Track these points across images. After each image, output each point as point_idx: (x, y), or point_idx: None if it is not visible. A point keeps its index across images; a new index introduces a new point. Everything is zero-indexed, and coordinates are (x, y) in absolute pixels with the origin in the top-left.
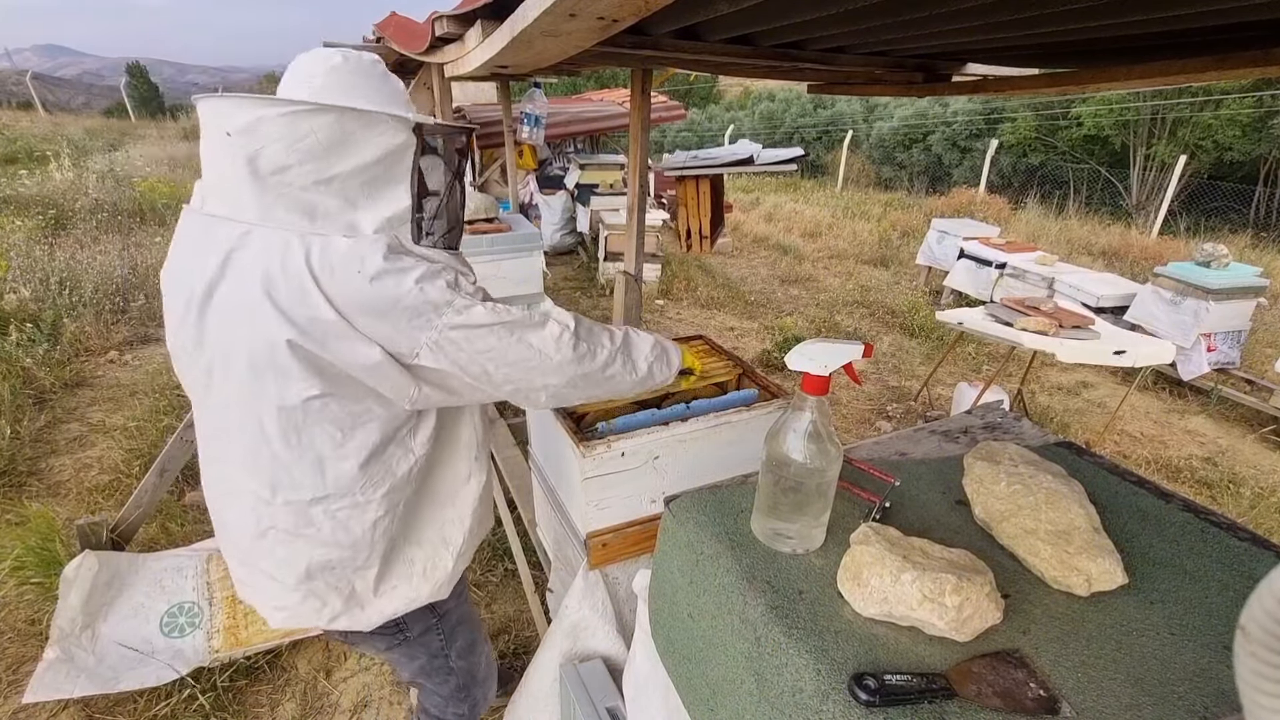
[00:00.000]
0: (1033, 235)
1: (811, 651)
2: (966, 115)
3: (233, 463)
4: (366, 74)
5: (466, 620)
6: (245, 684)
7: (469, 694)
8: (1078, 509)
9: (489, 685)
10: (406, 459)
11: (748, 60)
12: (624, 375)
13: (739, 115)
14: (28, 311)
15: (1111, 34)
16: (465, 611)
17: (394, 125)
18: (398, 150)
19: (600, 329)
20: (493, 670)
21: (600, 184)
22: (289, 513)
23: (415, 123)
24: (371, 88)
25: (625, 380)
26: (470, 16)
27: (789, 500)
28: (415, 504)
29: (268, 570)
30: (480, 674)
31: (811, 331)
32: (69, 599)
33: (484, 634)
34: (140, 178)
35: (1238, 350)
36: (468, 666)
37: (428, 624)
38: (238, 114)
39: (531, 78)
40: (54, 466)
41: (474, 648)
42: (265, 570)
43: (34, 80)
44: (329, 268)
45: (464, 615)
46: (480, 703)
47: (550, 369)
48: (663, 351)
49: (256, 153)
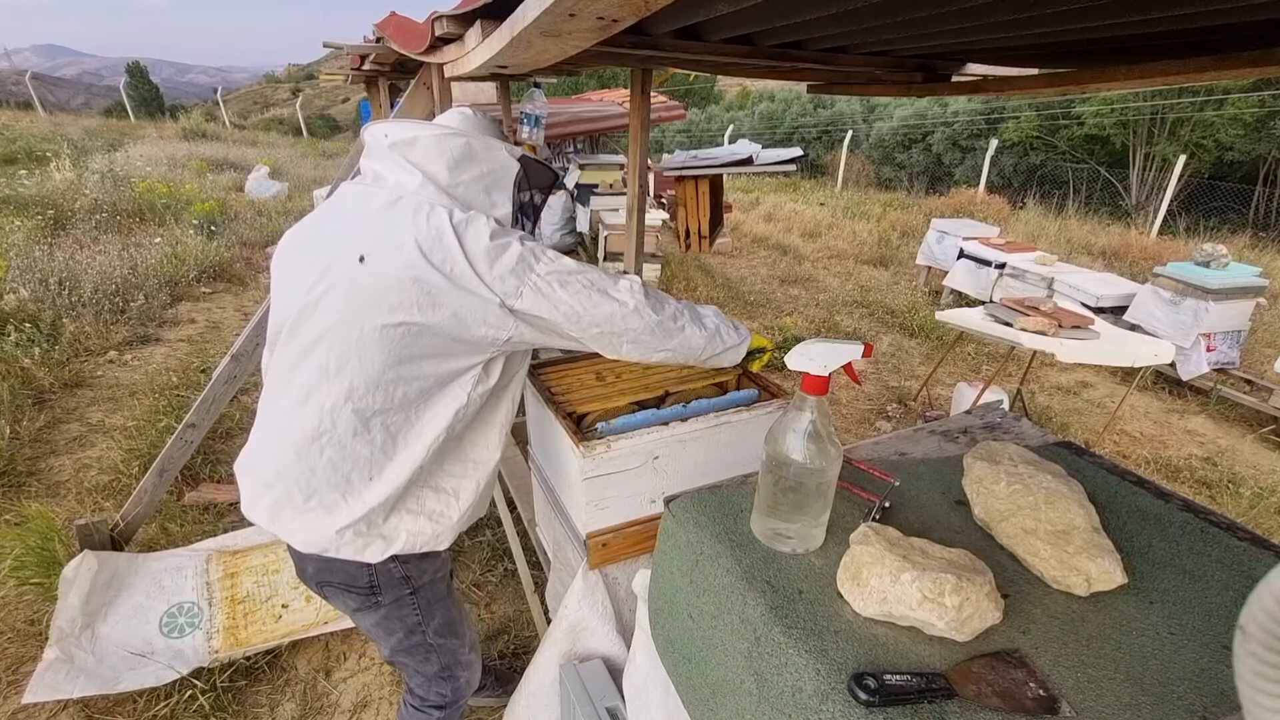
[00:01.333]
0: (1032, 235)
1: (811, 651)
2: (968, 115)
3: (313, 371)
4: (488, 123)
5: (444, 601)
6: (245, 684)
7: (452, 674)
8: (1077, 509)
9: (473, 670)
10: (461, 401)
11: (748, 60)
12: (693, 329)
13: (739, 115)
14: (27, 312)
15: (1111, 34)
16: (442, 591)
17: (503, 150)
18: (504, 168)
19: (664, 294)
20: (477, 655)
21: (600, 184)
22: (352, 418)
23: (520, 155)
24: (490, 130)
25: (695, 335)
26: (470, 16)
27: (789, 500)
28: (446, 451)
29: (306, 471)
30: (464, 657)
31: (811, 331)
32: (69, 599)
33: (467, 620)
34: (140, 178)
35: (1237, 350)
36: (448, 646)
37: (400, 594)
38: (398, 131)
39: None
40: (53, 467)
41: (453, 629)
42: (302, 472)
43: (33, 80)
44: (464, 224)
45: (440, 595)
46: (464, 687)
47: (628, 313)
48: (727, 321)
49: (414, 156)
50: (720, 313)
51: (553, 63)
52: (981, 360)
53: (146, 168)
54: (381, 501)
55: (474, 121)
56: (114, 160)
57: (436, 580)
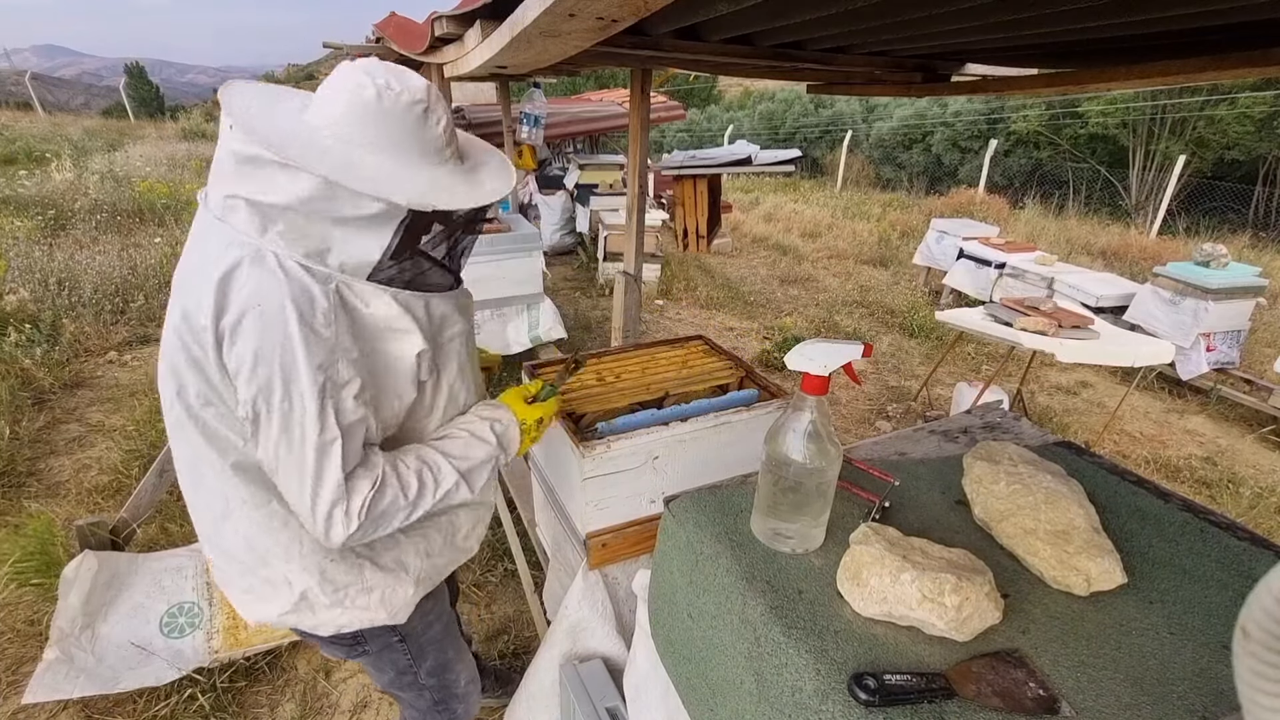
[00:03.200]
0: (1032, 235)
1: (811, 651)
2: (969, 115)
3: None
4: (398, 119)
5: (438, 643)
6: (245, 684)
7: (448, 706)
8: (1077, 509)
9: (470, 700)
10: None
11: (748, 60)
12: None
13: (739, 116)
14: (27, 312)
15: (1111, 34)
16: (436, 634)
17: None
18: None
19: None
20: (475, 685)
21: (600, 184)
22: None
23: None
24: (390, 139)
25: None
26: (470, 17)
27: (789, 500)
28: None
29: (229, 549)
30: (460, 689)
31: (811, 331)
32: (69, 599)
33: (463, 652)
34: (139, 178)
35: (1237, 350)
36: (442, 684)
37: (387, 641)
38: (243, 148)
39: (531, 78)
40: (53, 467)
41: (448, 667)
42: (226, 549)
43: (33, 80)
44: None
45: (434, 638)
46: (462, 715)
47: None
48: (480, 429)
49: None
50: (469, 424)
51: (553, 63)
52: (981, 360)
53: (146, 168)
54: (313, 593)
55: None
56: (114, 160)
57: (428, 625)
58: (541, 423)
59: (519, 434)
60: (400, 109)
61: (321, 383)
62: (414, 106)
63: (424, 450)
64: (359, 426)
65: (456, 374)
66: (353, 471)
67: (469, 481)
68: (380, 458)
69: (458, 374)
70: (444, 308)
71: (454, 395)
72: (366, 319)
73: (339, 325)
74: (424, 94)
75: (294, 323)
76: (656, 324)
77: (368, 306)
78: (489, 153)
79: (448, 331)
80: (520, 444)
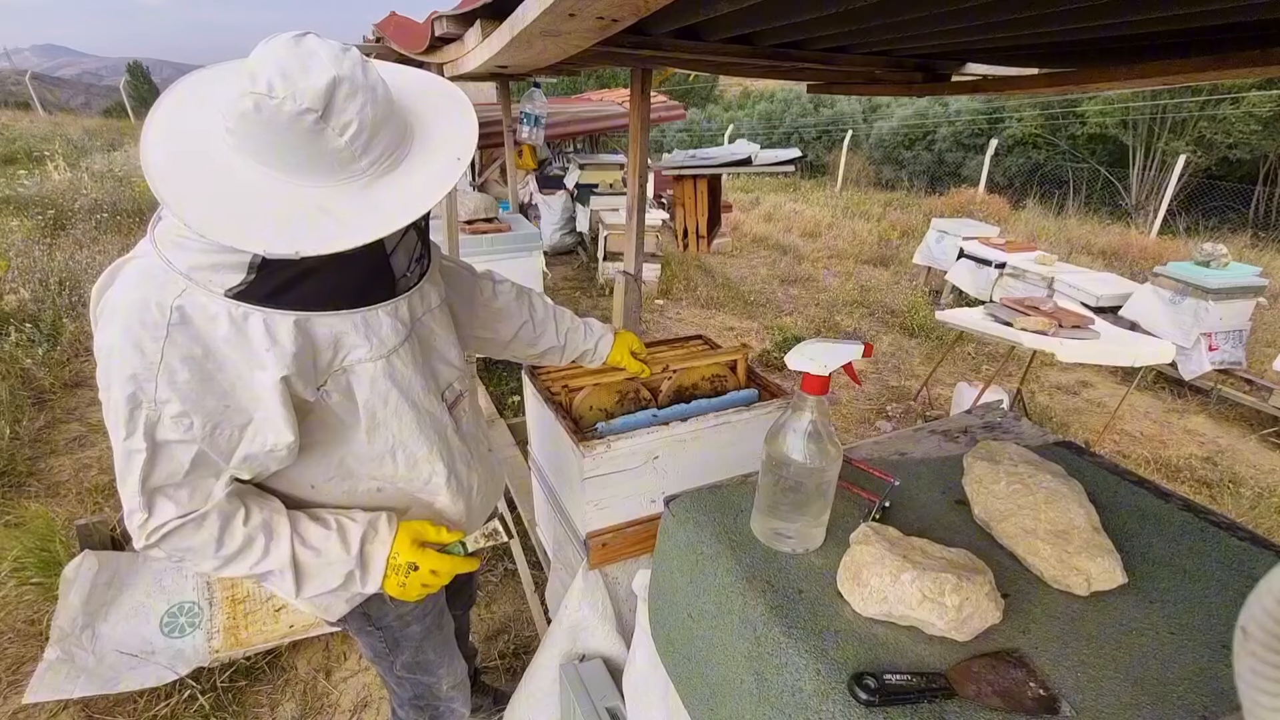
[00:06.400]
0: (1032, 235)
1: (811, 651)
2: (970, 115)
3: None
4: (279, 133)
5: (415, 643)
6: (245, 684)
7: (429, 705)
8: (1077, 508)
9: (455, 704)
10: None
11: (748, 60)
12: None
13: (738, 115)
14: (27, 312)
15: (1111, 34)
16: (415, 635)
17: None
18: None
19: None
20: (460, 691)
21: (600, 184)
22: None
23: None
24: (273, 154)
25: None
26: (470, 16)
27: (789, 500)
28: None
29: None
30: (442, 693)
31: (811, 331)
32: (69, 599)
33: (448, 657)
34: (140, 178)
35: (1241, 349)
36: (420, 681)
37: (362, 625)
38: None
39: (531, 78)
40: (53, 466)
41: (427, 668)
42: None
43: (33, 80)
44: None
45: (412, 636)
46: (445, 716)
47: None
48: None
49: None
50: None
51: (553, 63)
52: (981, 360)
53: None
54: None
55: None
56: (114, 160)
57: (406, 623)
58: (418, 570)
59: (384, 565)
60: (283, 121)
61: (131, 392)
62: (302, 117)
63: (282, 517)
64: (180, 448)
65: (391, 414)
66: (168, 492)
67: (299, 577)
68: (221, 494)
69: (393, 414)
70: (336, 326)
71: (398, 441)
72: (216, 339)
73: (169, 343)
74: (318, 100)
75: (118, 331)
76: (657, 324)
77: (214, 323)
78: (447, 143)
79: (342, 356)
80: (384, 577)
